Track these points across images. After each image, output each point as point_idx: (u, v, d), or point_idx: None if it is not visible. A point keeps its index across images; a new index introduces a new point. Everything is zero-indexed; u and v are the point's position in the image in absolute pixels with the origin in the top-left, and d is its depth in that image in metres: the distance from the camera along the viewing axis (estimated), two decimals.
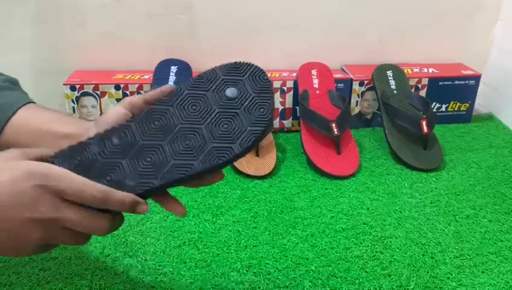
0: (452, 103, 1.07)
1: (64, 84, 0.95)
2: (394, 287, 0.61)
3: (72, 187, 0.38)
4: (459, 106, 1.08)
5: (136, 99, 0.46)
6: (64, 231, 0.39)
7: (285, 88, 1.01)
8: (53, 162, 0.40)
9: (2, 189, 0.36)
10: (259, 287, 0.60)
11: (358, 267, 0.64)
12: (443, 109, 1.07)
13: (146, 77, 0.99)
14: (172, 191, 0.82)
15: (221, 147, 0.40)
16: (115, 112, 0.45)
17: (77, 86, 0.95)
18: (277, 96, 1.01)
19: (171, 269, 0.63)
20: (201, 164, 0.40)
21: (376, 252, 0.67)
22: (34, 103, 0.51)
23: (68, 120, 0.50)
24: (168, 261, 0.64)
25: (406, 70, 1.05)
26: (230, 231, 0.71)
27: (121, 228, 0.70)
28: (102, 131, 0.43)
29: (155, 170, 0.40)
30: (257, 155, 0.88)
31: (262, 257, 0.66)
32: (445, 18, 1.11)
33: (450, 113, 1.08)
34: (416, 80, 1.04)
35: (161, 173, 0.40)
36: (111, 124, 0.44)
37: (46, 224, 0.37)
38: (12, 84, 0.53)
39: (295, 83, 1.01)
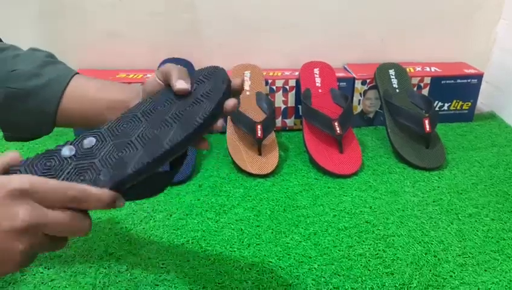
0: (454, 101, 1.07)
1: None
2: (397, 285, 0.61)
3: (47, 191, 0.36)
4: (462, 105, 1.08)
5: (169, 71, 0.47)
6: (45, 238, 0.37)
7: (287, 87, 1.01)
8: (19, 170, 0.40)
9: None
10: (262, 286, 0.61)
11: (361, 265, 0.64)
12: (445, 107, 1.07)
13: (149, 75, 1.00)
14: (175, 189, 0.82)
15: (187, 124, 0.43)
16: (151, 83, 0.48)
17: None
18: (279, 95, 1.01)
19: (174, 267, 0.63)
20: (170, 143, 0.42)
21: (379, 250, 0.67)
22: (78, 74, 0.52)
23: (117, 87, 0.51)
24: (172, 260, 0.65)
25: (408, 69, 1.05)
26: (233, 229, 0.71)
27: (124, 226, 0.71)
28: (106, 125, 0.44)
29: (127, 161, 0.41)
30: (260, 154, 0.88)
31: (265, 255, 0.66)
32: (447, 17, 1.11)
33: (452, 112, 1.08)
34: (419, 78, 1.04)
35: (133, 162, 0.41)
36: (149, 93, 0.47)
37: (29, 233, 0.36)
38: (53, 58, 0.53)
39: (297, 82, 1.01)
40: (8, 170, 0.39)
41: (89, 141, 0.42)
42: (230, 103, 0.45)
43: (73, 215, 0.37)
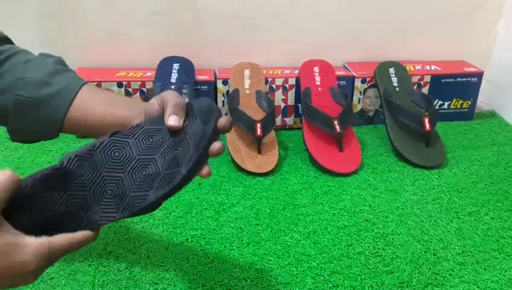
0: (454, 100, 1.07)
1: None
2: (396, 283, 0.61)
3: (59, 253, 0.40)
4: (462, 103, 1.08)
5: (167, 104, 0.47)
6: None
7: (287, 85, 1.01)
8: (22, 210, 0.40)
9: None
10: (262, 284, 0.61)
11: (361, 263, 0.64)
12: (445, 106, 1.07)
13: (148, 74, 1.00)
14: None
15: (171, 172, 0.44)
16: (152, 104, 0.48)
17: None
18: (279, 94, 1.01)
19: (173, 266, 0.63)
20: (155, 193, 0.43)
21: (378, 249, 0.67)
22: (87, 83, 0.53)
23: (122, 102, 0.52)
24: (171, 258, 0.65)
25: (408, 68, 1.05)
26: (233, 227, 0.71)
27: (123, 224, 0.71)
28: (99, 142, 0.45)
29: (116, 204, 0.42)
30: (259, 152, 0.88)
31: (264, 253, 0.66)
32: (448, 15, 1.11)
33: (452, 110, 1.08)
34: (419, 77, 1.04)
35: (122, 207, 0.42)
36: (148, 113, 0.47)
37: (38, 271, 0.40)
38: (62, 65, 0.54)
39: (297, 80, 1.01)
40: (11, 196, 0.39)
41: (83, 170, 0.42)
42: (215, 146, 0.46)
43: (72, 240, 0.41)
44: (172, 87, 0.96)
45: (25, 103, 0.49)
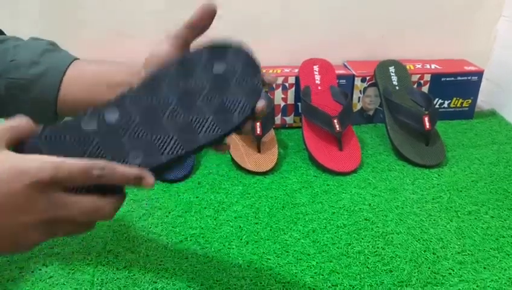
0: (454, 99, 1.07)
1: None
2: (396, 282, 0.61)
3: (68, 176, 0.34)
4: (462, 102, 1.07)
5: (179, 31, 0.45)
6: (66, 225, 0.36)
7: (287, 84, 1.01)
8: (37, 143, 0.37)
9: None
10: (261, 283, 0.60)
11: (360, 262, 0.64)
12: (445, 105, 1.07)
13: None
14: (174, 187, 0.82)
15: (221, 119, 0.41)
16: (158, 52, 0.45)
17: None
18: (279, 93, 1.01)
19: (172, 265, 0.63)
20: (204, 138, 0.40)
21: (378, 248, 0.67)
22: (79, 59, 0.51)
23: (118, 68, 0.49)
24: (170, 257, 0.65)
25: (408, 66, 1.05)
26: (232, 226, 0.71)
27: (123, 223, 0.71)
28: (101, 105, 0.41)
29: (160, 147, 0.39)
30: (259, 151, 0.88)
31: (263, 252, 0.66)
32: (448, 14, 1.10)
33: (452, 109, 1.08)
34: (419, 76, 1.04)
35: (167, 150, 0.39)
36: (158, 66, 0.43)
37: (45, 223, 0.35)
38: (54, 46, 0.53)
39: (297, 79, 1.01)
40: (21, 143, 0.37)
41: (112, 115, 0.39)
42: (260, 104, 0.43)
43: (92, 202, 0.36)
44: None
45: (15, 85, 0.47)
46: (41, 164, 0.34)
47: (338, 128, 0.88)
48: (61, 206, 0.35)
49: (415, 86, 1.04)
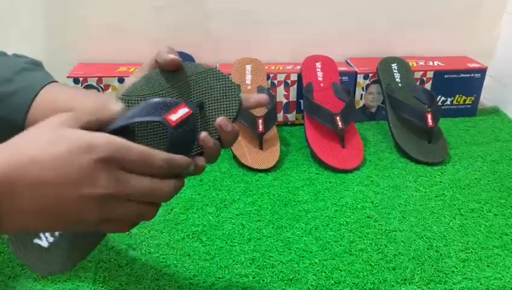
0: (457, 96, 1.06)
1: (67, 77, 0.94)
2: (398, 280, 0.60)
3: (133, 159, 0.36)
4: (465, 100, 1.07)
5: (146, 64, 0.46)
6: (123, 204, 0.36)
7: (289, 81, 1.00)
8: (109, 128, 0.39)
9: (58, 161, 0.34)
10: (263, 280, 0.60)
11: (363, 260, 0.64)
12: (448, 102, 1.07)
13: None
14: None
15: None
16: (130, 81, 0.46)
17: (81, 79, 0.94)
18: (281, 90, 1.01)
19: (175, 262, 0.63)
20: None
21: (380, 245, 0.67)
22: (56, 82, 0.49)
23: (90, 95, 0.48)
24: (172, 254, 0.64)
25: (411, 63, 1.05)
26: (234, 224, 0.71)
27: None
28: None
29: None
30: (261, 149, 0.88)
31: (266, 249, 0.66)
32: (451, 11, 1.10)
33: (455, 106, 1.07)
34: (422, 73, 1.03)
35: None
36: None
37: (105, 200, 0.35)
38: (35, 65, 0.51)
39: (299, 76, 1.00)
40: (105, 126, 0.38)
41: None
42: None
43: (154, 182, 0.37)
44: None
45: None
46: (108, 141, 0.35)
47: (340, 126, 0.88)
48: (121, 183, 0.35)
49: (418, 83, 1.03)
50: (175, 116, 0.41)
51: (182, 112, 0.41)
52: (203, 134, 0.42)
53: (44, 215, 0.35)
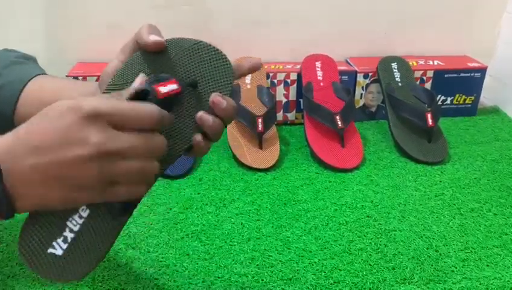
0: (457, 95, 1.06)
1: (67, 76, 0.94)
2: (398, 280, 0.60)
3: (122, 113, 0.36)
4: (465, 99, 1.07)
5: (126, 46, 0.46)
6: (121, 161, 0.36)
7: (288, 80, 1.00)
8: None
9: (50, 125, 0.34)
10: (263, 280, 0.60)
11: (362, 260, 0.64)
12: (448, 101, 1.06)
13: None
14: (175, 183, 0.82)
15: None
16: (110, 69, 0.45)
17: (80, 78, 0.94)
18: (281, 89, 1.01)
19: (174, 261, 0.63)
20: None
21: (380, 245, 0.67)
22: (45, 74, 0.50)
23: (75, 85, 0.49)
24: (171, 253, 0.64)
25: (411, 63, 1.04)
26: (234, 223, 0.71)
27: None
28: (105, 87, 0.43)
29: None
30: (260, 148, 0.88)
31: (265, 249, 0.65)
32: (451, 10, 1.10)
33: (455, 106, 1.07)
34: (422, 72, 1.03)
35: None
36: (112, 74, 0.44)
37: (101, 158, 0.35)
38: (26, 59, 0.52)
39: (299, 75, 1.00)
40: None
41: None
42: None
43: (147, 136, 0.37)
44: None
45: None
46: (99, 99, 0.35)
47: (340, 125, 0.88)
48: (112, 139, 0.35)
49: (418, 82, 1.03)
50: (163, 89, 0.40)
51: (171, 87, 0.40)
52: (199, 113, 0.41)
53: (50, 183, 0.35)
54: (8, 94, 0.47)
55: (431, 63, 1.06)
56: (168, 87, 0.40)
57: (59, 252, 0.41)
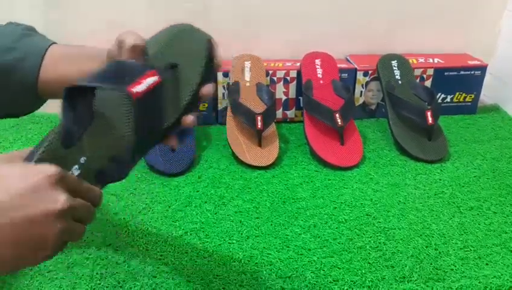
0: (458, 93, 1.06)
1: None
2: (397, 278, 0.60)
3: (76, 183, 0.39)
4: (465, 97, 1.06)
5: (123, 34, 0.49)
6: (73, 223, 0.38)
7: (288, 78, 1.00)
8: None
9: (15, 185, 0.35)
10: (261, 278, 0.60)
11: (361, 258, 0.64)
12: (448, 99, 1.06)
13: None
14: (174, 181, 0.81)
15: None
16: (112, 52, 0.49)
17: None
18: (280, 86, 1.00)
19: (172, 259, 0.63)
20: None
21: (379, 243, 0.66)
22: (56, 43, 0.53)
23: (92, 54, 0.52)
24: (170, 251, 0.64)
25: (411, 61, 1.04)
26: (233, 221, 0.71)
27: (122, 217, 0.71)
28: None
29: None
30: (260, 146, 0.88)
31: (264, 247, 0.65)
32: (451, 8, 1.09)
33: (455, 104, 1.07)
34: (422, 70, 1.03)
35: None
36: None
37: (64, 217, 0.37)
38: (31, 30, 0.54)
39: (299, 73, 1.00)
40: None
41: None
42: (206, 89, 0.46)
43: (88, 204, 0.40)
44: None
45: None
46: (48, 166, 0.37)
47: (340, 123, 0.88)
48: (73, 200, 0.38)
49: (418, 80, 1.03)
50: (140, 87, 0.39)
51: (150, 81, 0.40)
52: (184, 118, 0.45)
53: (21, 243, 0.35)
54: (29, 65, 0.49)
55: (431, 61, 1.06)
56: (146, 83, 0.40)
57: None
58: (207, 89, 0.47)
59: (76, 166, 0.41)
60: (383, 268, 0.62)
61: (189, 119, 0.46)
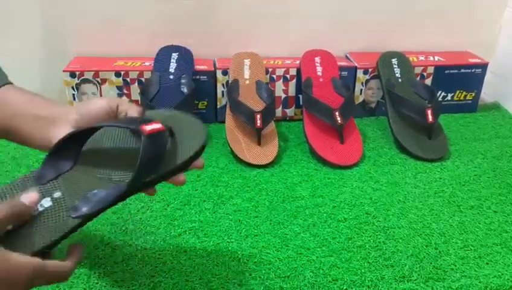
0: (458, 91, 1.05)
1: (63, 71, 0.93)
2: (397, 277, 0.60)
3: (48, 272, 0.42)
4: (465, 95, 1.06)
5: (124, 103, 0.49)
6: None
7: (288, 76, 0.99)
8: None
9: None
10: (260, 277, 0.60)
11: (361, 257, 0.63)
12: (449, 97, 1.06)
13: (147, 63, 0.98)
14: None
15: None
16: (98, 106, 0.48)
17: (77, 73, 0.93)
18: (280, 84, 1.00)
19: (171, 258, 0.62)
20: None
21: (379, 242, 0.66)
22: (11, 84, 0.51)
23: (46, 103, 0.50)
24: (168, 250, 0.64)
25: (411, 58, 1.03)
26: (231, 220, 0.70)
27: (121, 216, 0.70)
28: (83, 124, 0.47)
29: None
30: (259, 144, 0.87)
31: (263, 246, 0.65)
32: (452, 5, 1.09)
33: (455, 102, 1.06)
34: (422, 68, 1.02)
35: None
36: (93, 117, 0.47)
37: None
38: None
39: (298, 71, 0.99)
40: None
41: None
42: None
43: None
44: (171, 77, 0.95)
45: None
46: (25, 264, 0.40)
47: (339, 121, 0.87)
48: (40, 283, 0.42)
49: (418, 78, 1.02)
50: (149, 127, 0.44)
51: (156, 125, 0.45)
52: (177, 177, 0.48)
53: None
54: None
55: (431, 58, 1.05)
56: (153, 125, 0.45)
57: None
58: (200, 162, 0.51)
59: (49, 198, 0.44)
60: (383, 267, 0.62)
61: (180, 178, 0.49)
